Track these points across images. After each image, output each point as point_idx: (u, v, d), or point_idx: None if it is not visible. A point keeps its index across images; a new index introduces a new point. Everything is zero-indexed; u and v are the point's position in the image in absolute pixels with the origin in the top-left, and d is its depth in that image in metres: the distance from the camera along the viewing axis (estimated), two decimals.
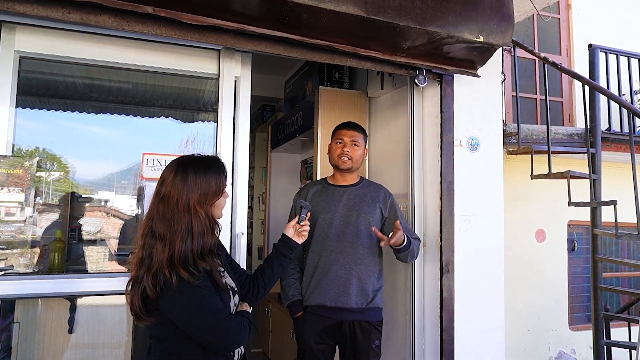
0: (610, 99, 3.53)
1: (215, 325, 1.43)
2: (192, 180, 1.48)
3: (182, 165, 1.52)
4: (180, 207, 1.45)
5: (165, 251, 1.41)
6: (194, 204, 1.46)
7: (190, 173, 1.49)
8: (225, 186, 1.58)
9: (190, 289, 1.40)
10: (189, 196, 1.46)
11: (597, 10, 5.58)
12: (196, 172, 1.50)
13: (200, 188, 1.49)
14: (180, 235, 1.43)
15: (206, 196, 1.50)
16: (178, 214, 1.44)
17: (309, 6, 1.95)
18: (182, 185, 1.47)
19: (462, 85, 2.61)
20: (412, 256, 2.33)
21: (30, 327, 2.28)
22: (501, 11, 2.37)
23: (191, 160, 1.55)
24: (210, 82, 2.41)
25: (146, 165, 2.25)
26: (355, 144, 2.39)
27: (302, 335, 2.34)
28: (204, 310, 1.43)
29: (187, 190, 1.47)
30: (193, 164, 1.53)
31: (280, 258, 1.89)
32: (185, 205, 1.45)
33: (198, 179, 1.49)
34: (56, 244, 2.32)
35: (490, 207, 2.63)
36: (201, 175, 1.50)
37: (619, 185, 3.81)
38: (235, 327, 1.47)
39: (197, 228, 1.46)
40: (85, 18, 1.85)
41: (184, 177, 1.48)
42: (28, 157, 2.13)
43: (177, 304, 1.42)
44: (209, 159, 1.58)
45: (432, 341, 2.50)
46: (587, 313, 4.71)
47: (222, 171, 1.58)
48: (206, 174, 1.52)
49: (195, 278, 1.40)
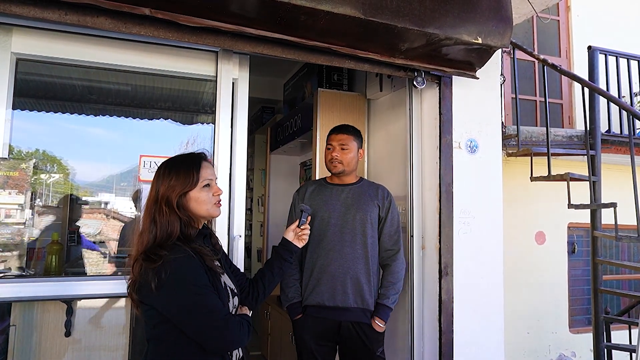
0: (610, 101, 3.52)
1: (213, 324, 1.42)
2: (162, 175, 1.52)
3: (163, 164, 1.57)
4: (150, 200, 1.50)
5: (138, 245, 1.46)
6: (163, 195, 1.49)
7: (163, 168, 1.54)
8: (199, 178, 1.53)
9: (185, 287, 1.40)
10: (158, 188, 1.50)
11: (596, 12, 5.58)
12: (167, 167, 1.54)
13: (170, 180, 1.51)
14: (149, 227, 1.46)
15: (174, 188, 1.49)
16: (149, 208, 1.49)
17: (307, 8, 1.95)
18: (155, 180, 1.53)
19: (461, 87, 2.60)
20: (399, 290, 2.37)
21: (27, 330, 2.27)
22: (499, 13, 2.36)
23: (170, 159, 1.59)
24: (208, 84, 2.41)
25: (143, 167, 2.24)
26: (344, 147, 2.39)
27: (301, 337, 2.33)
28: (200, 309, 1.41)
29: (157, 184, 1.51)
30: (170, 160, 1.57)
31: (280, 262, 1.88)
32: (154, 198, 1.50)
33: (167, 172, 1.52)
34: (53, 247, 2.31)
35: (489, 209, 2.62)
36: (171, 168, 1.53)
37: (619, 187, 3.81)
38: (233, 326, 1.46)
39: (164, 221, 1.47)
40: (82, 20, 1.85)
41: (158, 173, 1.54)
42: (25, 159, 2.12)
43: (172, 304, 1.41)
44: (185, 155, 1.60)
45: (431, 344, 2.49)
46: (588, 316, 4.69)
47: (195, 163, 1.56)
48: (177, 166, 1.54)
49: (153, 262, 1.39)
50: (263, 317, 4.35)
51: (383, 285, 2.36)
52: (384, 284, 2.36)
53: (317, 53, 2.23)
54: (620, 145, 4.03)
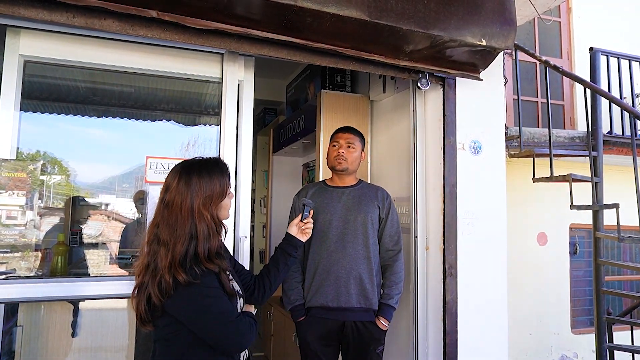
0: (612, 102, 3.53)
1: (226, 326, 1.44)
2: (195, 184, 1.49)
3: (185, 169, 1.53)
4: (184, 212, 1.46)
5: (167, 256, 1.41)
6: (199, 207, 1.47)
7: (194, 177, 1.50)
8: (229, 187, 1.59)
9: (198, 291, 1.41)
10: (193, 200, 1.47)
11: (598, 14, 5.59)
12: (199, 176, 1.51)
13: (205, 191, 1.50)
14: (182, 239, 1.43)
15: (211, 198, 1.51)
16: (182, 219, 1.45)
17: (313, 10, 1.96)
18: (186, 190, 1.48)
19: (464, 88, 2.62)
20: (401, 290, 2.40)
21: (33, 330, 2.28)
22: (503, 15, 2.38)
23: (194, 164, 1.56)
24: (213, 85, 2.42)
25: (150, 168, 2.25)
26: (350, 146, 2.43)
27: (305, 339, 2.34)
28: (213, 312, 1.43)
29: (191, 195, 1.47)
30: (196, 168, 1.53)
31: (285, 257, 1.90)
32: (189, 210, 1.46)
33: (202, 182, 1.50)
34: (59, 248, 2.32)
35: (493, 210, 2.63)
36: (205, 178, 1.51)
37: (621, 188, 3.81)
38: (245, 327, 1.48)
39: (202, 231, 1.46)
40: (89, 22, 1.86)
41: (188, 182, 1.49)
42: (32, 161, 2.13)
43: (186, 307, 1.42)
44: (211, 161, 1.59)
45: (435, 345, 2.50)
46: (590, 316, 4.70)
47: (225, 172, 1.59)
48: (210, 176, 1.53)
49: (195, 278, 1.40)
50: (266, 319, 4.36)
51: (386, 285, 2.37)
52: (387, 284, 2.37)
53: (322, 55, 2.24)
54: (622, 147, 4.04)
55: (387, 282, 2.37)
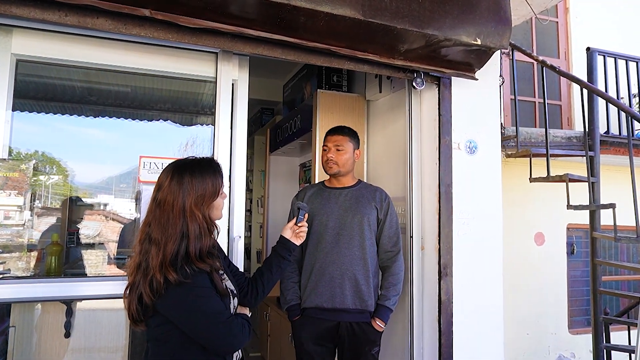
0: (609, 102, 3.52)
1: (217, 326, 1.43)
2: (187, 184, 1.49)
3: (177, 169, 1.52)
4: (175, 211, 1.45)
5: (158, 256, 1.41)
6: (190, 206, 1.47)
7: (186, 176, 1.50)
8: (222, 187, 1.58)
9: (188, 290, 1.40)
10: (185, 199, 1.47)
11: (595, 14, 5.59)
12: (192, 175, 1.51)
13: (197, 190, 1.49)
14: (173, 238, 1.43)
15: (203, 198, 1.50)
16: (173, 218, 1.45)
17: (307, 9, 1.95)
18: (178, 189, 1.47)
19: (460, 88, 2.61)
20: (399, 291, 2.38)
21: (27, 331, 2.27)
22: (498, 14, 2.37)
23: (187, 164, 1.55)
24: (207, 85, 2.41)
25: (143, 168, 2.24)
26: (339, 148, 2.41)
27: (300, 338, 2.34)
28: (204, 312, 1.43)
29: (182, 194, 1.47)
30: (189, 167, 1.53)
31: (278, 260, 1.89)
32: (181, 209, 1.46)
33: (194, 182, 1.50)
34: (53, 248, 2.31)
35: (488, 210, 2.63)
36: (197, 177, 1.51)
37: (617, 188, 3.80)
38: (237, 328, 1.48)
39: (194, 231, 1.46)
40: (82, 21, 1.85)
41: (180, 181, 1.49)
42: (24, 160, 2.12)
43: (176, 307, 1.42)
44: (204, 161, 1.59)
45: (430, 345, 2.49)
46: (587, 316, 4.69)
47: (218, 172, 1.58)
48: (202, 176, 1.52)
49: (186, 277, 1.39)
50: (263, 319, 4.35)
51: (384, 286, 2.36)
52: (385, 285, 2.36)
53: (317, 54, 2.23)
54: (618, 147, 4.04)
55: (385, 284, 2.37)
